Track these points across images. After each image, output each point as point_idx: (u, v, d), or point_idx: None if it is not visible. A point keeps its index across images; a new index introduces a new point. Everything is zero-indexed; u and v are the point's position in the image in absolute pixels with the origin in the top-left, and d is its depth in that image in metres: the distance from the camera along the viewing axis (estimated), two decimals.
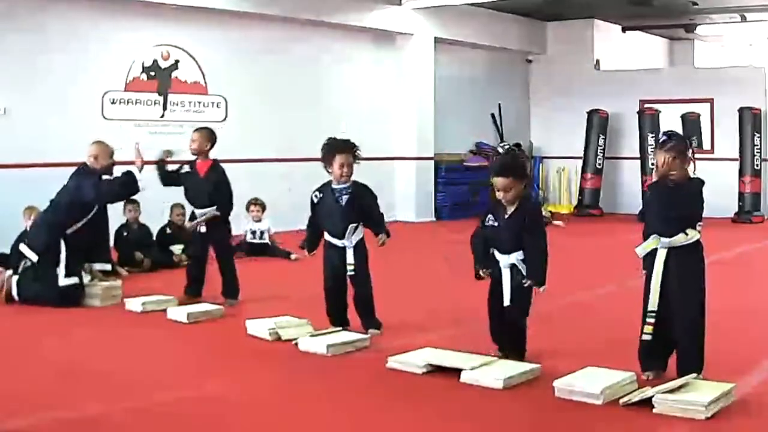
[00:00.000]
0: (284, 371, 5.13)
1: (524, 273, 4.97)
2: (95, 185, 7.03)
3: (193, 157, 7.22)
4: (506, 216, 5.02)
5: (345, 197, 5.88)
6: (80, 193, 7.01)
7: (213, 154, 7.29)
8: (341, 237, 5.86)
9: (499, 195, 4.99)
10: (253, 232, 9.94)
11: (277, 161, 12.31)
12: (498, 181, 4.97)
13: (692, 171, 4.74)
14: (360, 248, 5.90)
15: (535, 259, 4.95)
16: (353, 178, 5.93)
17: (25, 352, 5.64)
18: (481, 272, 5.14)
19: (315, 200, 5.98)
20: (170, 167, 7.35)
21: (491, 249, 5.10)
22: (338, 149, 5.85)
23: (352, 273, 5.87)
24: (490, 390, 4.59)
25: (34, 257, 6.95)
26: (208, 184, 7.09)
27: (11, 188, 9.24)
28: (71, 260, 6.91)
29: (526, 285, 4.94)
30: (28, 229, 8.04)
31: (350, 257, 5.86)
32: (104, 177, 7.16)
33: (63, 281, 6.83)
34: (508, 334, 5.11)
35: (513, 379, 4.66)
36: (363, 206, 5.92)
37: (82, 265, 7.10)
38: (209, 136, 7.20)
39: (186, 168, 7.22)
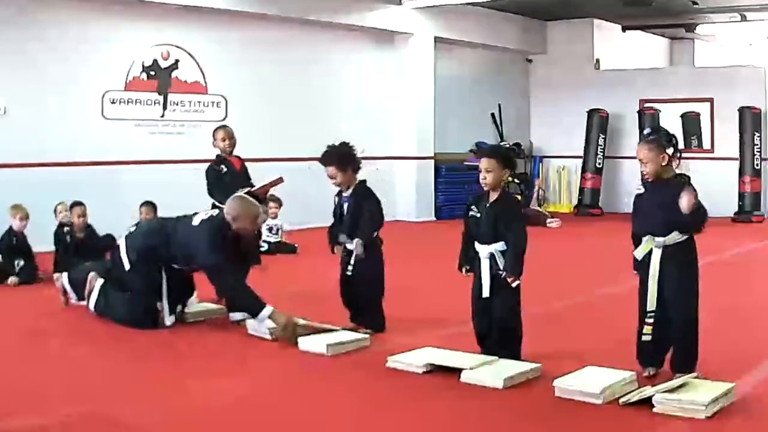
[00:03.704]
0: (284, 371, 5.14)
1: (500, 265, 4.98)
2: (216, 271, 5.89)
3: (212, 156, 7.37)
4: (487, 205, 5.05)
5: (346, 204, 5.96)
6: (195, 259, 6.01)
7: (213, 154, 7.36)
8: (351, 239, 5.90)
9: (481, 177, 5.05)
10: (269, 229, 10.04)
11: (277, 161, 12.30)
12: (483, 161, 5.06)
13: (677, 168, 4.77)
14: (368, 251, 5.88)
15: (510, 250, 4.97)
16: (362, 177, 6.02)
17: (29, 351, 5.64)
18: (462, 270, 5.21)
19: (335, 202, 6.06)
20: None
21: (474, 242, 5.12)
22: (323, 161, 5.91)
23: (349, 274, 5.89)
24: (490, 390, 4.59)
25: (127, 265, 6.22)
26: (243, 178, 7.26)
27: (11, 188, 9.24)
28: (173, 295, 6.16)
29: (502, 276, 4.94)
30: (14, 227, 8.06)
31: (353, 258, 5.87)
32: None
33: (169, 320, 6.07)
34: (496, 334, 5.07)
35: (513, 379, 4.67)
36: (358, 209, 5.92)
37: (185, 295, 6.37)
38: None
39: (223, 168, 7.26)
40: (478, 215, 5.08)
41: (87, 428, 4.14)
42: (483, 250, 5.03)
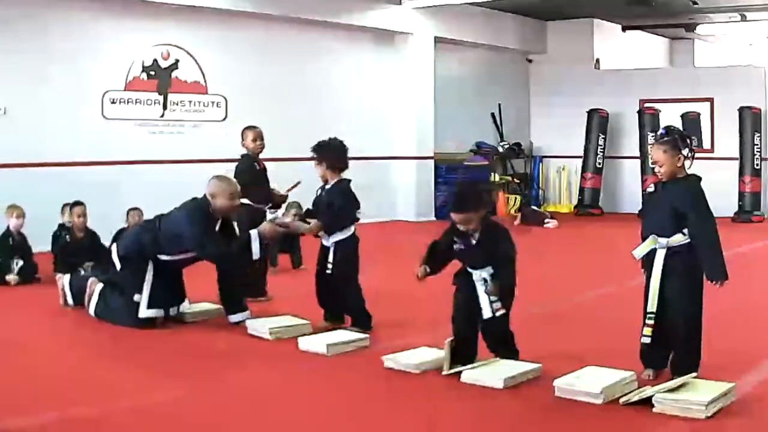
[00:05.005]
0: (284, 371, 5.14)
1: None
2: (199, 241, 6.02)
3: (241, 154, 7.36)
4: (473, 242, 4.93)
5: (321, 201, 6.03)
6: (181, 239, 6.08)
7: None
8: (327, 235, 5.97)
9: (460, 227, 4.93)
10: None
11: (277, 161, 12.29)
12: (455, 217, 4.92)
13: (689, 168, 4.73)
14: (342, 248, 5.93)
15: (499, 283, 4.87)
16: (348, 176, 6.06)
17: (27, 351, 5.64)
18: (419, 272, 5.09)
19: (316, 194, 6.15)
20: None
21: (462, 265, 5.05)
22: (312, 150, 6.06)
23: (330, 272, 5.93)
24: (490, 389, 4.59)
25: (118, 266, 6.30)
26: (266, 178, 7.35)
27: (11, 188, 9.24)
28: (159, 290, 6.15)
29: (488, 291, 4.87)
30: (10, 227, 8.08)
31: (330, 256, 5.93)
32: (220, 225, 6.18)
33: (144, 312, 6.09)
34: (496, 342, 5.05)
35: (514, 379, 4.67)
36: (330, 204, 5.97)
37: (176, 298, 6.33)
38: None
39: (256, 165, 7.32)
40: (464, 247, 4.97)
41: (86, 428, 4.14)
42: (476, 274, 4.96)
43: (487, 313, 4.90)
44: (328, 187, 6.04)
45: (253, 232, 6.11)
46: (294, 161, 12.03)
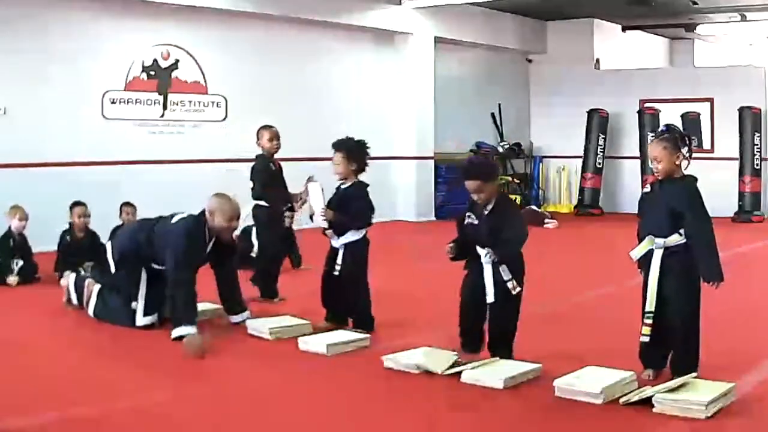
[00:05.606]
0: (284, 371, 5.14)
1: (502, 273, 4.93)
2: (176, 257, 5.83)
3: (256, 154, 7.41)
4: (485, 213, 5.02)
5: (336, 198, 5.98)
6: (163, 256, 5.98)
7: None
8: (335, 235, 5.94)
9: (473, 197, 5.01)
10: None
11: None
12: (468, 184, 4.99)
13: (686, 168, 4.73)
14: (351, 250, 5.90)
15: (506, 242, 4.95)
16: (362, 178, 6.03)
17: (27, 351, 5.64)
18: (448, 249, 5.11)
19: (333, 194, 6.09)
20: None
21: (474, 246, 5.08)
22: (335, 146, 5.98)
23: (337, 274, 5.91)
24: (490, 389, 4.59)
25: (113, 267, 6.32)
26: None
27: (11, 188, 9.24)
28: (152, 296, 6.11)
29: (506, 282, 4.91)
30: (12, 228, 8.02)
31: (340, 258, 5.91)
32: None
33: (141, 321, 6.08)
34: (498, 334, 5.06)
35: (513, 379, 4.67)
36: (345, 205, 5.94)
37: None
38: None
39: (272, 166, 7.34)
40: (476, 222, 5.04)
41: (86, 428, 4.14)
42: (485, 257, 4.98)
43: (490, 297, 4.92)
44: (344, 186, 6.00)
45: (190, 329, 5.63)
46: (294, 161, 12.05)
